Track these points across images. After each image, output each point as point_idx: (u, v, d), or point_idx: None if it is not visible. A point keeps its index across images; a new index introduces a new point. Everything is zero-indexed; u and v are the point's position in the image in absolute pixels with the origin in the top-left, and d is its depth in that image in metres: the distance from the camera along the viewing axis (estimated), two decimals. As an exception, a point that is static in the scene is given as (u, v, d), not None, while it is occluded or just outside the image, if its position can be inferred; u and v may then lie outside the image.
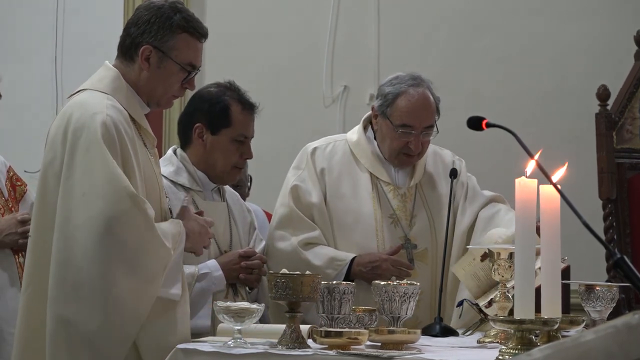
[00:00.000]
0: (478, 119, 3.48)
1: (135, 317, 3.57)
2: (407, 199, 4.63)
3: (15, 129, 7.18)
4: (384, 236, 4.54)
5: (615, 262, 2.71)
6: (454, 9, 7.24)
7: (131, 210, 3.55)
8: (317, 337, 3.46)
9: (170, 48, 3.77)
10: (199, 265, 4.32)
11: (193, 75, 3.83)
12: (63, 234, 3.57)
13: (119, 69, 3.81)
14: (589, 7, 7.14)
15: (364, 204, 4.57)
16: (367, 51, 7.27)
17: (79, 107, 3.70)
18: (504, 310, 3.79)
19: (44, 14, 7.37)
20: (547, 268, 3.24)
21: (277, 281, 3.46)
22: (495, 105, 6.95)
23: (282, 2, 7.37)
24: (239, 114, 4.44)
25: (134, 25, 3.80)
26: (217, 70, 7.13)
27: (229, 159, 4.43)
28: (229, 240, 4.49)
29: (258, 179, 5.98)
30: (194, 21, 3.83)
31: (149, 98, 3.83)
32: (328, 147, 4.68)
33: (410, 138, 4.53)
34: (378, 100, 4.61)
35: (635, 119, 6.26)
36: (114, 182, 3.55)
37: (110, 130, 3.62)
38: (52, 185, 3.65)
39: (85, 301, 3.53)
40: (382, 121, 4.59)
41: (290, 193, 4.57)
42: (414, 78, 4.59)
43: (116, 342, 3.56)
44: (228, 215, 4.53)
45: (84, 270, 3.52)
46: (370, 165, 4.63)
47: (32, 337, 3.67)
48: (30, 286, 3.69)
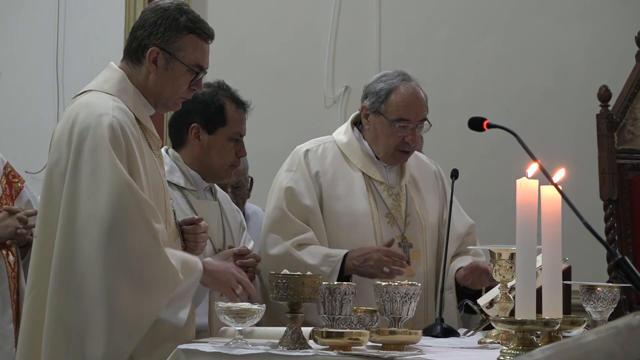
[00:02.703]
0: (479, 120, 3.48)
1: (133, 329, 3.54)
2: (400, 198, 4.64)
3: (15, 129, 7.19)
4: (382, 235, 4.54)
5: (617, 262, 2.71)
6: (454, 10, 7.24)
7: (136, 215, 3.54)
8: (318, 338, 3.46)
9: (177, 49, 3.77)
10: (195, 263, 4.33)
11: (201, 77, 3.83)
12: (66, 237, 3.56)
13: (125, 70, 3.80)
14: (590, 8, 7.14)
15: (360, 204, 4.57)
16: (368, 52, 7.27)
17: (85, 107, 3.69)
18: (505, 310, 3.79)
19: (45, 14, 7.37)
20: (548, 269, 3.24)
21: (278, 282, 3.46)
22: (496, 105, 6.96)
23: (283, 3, 7.37)
24: (234, 112, 4.45)
25: (140, 28, 3.80)
26: (217, 70, 7.12)
27: (226, 157, 4.44)
28: (222, 238, 4.50)
29: (258, 180, 5.98)
30: (200, 22, 3.83)
31: (157, 100, 3.83)
32: (319, 149, 4.67)
33: (406, 132, 4.54)
34: (369, 98, 4.60)
35: (636, 119, 6.26)
36: (120, 186, 3.54)
37: (117, 131, 3.61)
38: (58, 186, 3.64)
39: (85, 307, 3.51)
40: (375, 119, 4.58)
41: (284, 195, 4.55)
42: (402, 74, 4.61)
43: (112, 354, 3.52)
44: (221, 213, 4.53)
45: (86, 275, 3.51)
46: (362, 165, 4.62)
47: (37, 337, 3.64)
48: (35, 287, 3.67)
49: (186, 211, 4.35)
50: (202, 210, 4.42)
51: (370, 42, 7.28)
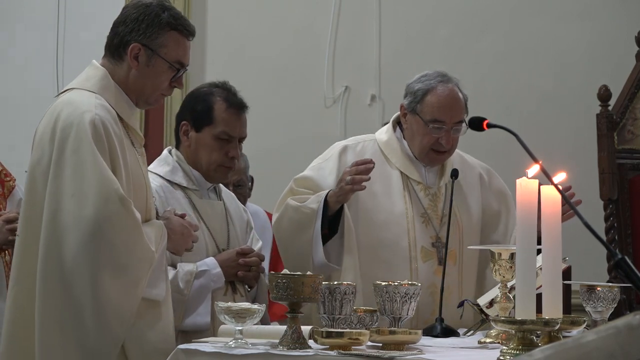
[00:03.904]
0: (479, 120, 3.48)
1: (123, 318, 3.57)
2: (437, 199, 4.64)
3: (16, 129, 7.18)
4: (415, 235, 4.54)
5: (617, 262, 2.71)
6: (454, 9, 7.25)
7: (120, 212, 3.55)
8: (318, 338, 3.46)
9: (159, 46, 3.77)
10: (198, 262, 4.32)
11: (182, 73, 3.83)
12: (51, 234, 3.57)
13: (107, 68, 3.81)
14: (591, 7, 7.14)
15: (396, 203, 4.58)
16: (368, 52, 7.27)
17: (68, 105, 3.70)
18: (505, 310, 3.79)
19: (45, 14, 7.37)
20: (548, 268, 3.24)
21: (278, 282, 3.46)
22: (496, 105, 6.96)
23: (283, 3, 7.37)
24: (223, 112, 4.43)
25: (122, 24, 3.80)
26: (217, 70, 7.14)
27: (212, 156, 4.42)
28: (226, 238, 4.49)
29: (259, 180, 5.98)
30: (182, 19, 3.84)
31: (138, 96, 3.83)
32: (358, 146, 4.68)
33: (440, 134, 4.54)
34: (407, 98, 4.62)
35: (636, 119, 6.26)
36: (104, 183, 3.55)
37: (99, 129, 3.62)
38: (40, 184, 3.65)
39: (75, 303, 3.52)
40: (412, 118, 4.60)
41: (304, 174, 4.57)
42: (442, 75, 4.63)
43: (106, 343, 3.56)
44: (225, 213, 4.53)
45: (73, 272, 3.52)
46: (401, 164, 4.63)
47: (19, 335, 3.66)
48: (17, 285, 3.69)
49: (189, 211, 4.35)
50: (205, 210, 4.42)
51: (370, 42, 7.28)
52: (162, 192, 4.36)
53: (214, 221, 4.44)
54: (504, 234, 4.70)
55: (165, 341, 3.66)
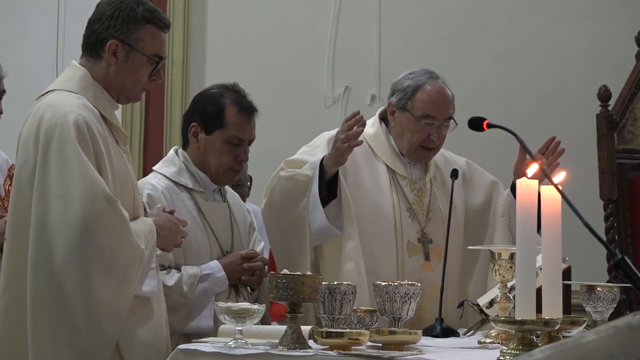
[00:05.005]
0: (479, 120, 3.49)
1: (115, 317, 3.57)
2: (423, 194, 4.65)
3: (16, 129, 7.18)
4: (402, 230, 4.56)
5: (616, 262, 2.71)
6: (454, 10, 7.24)
7: (107, 212, 3.55)
8: (318, 338, 3.46)
9: (136, 40, 3.77)
10: (202, 266, 4.32)
11: (160, 67, 3.83)
12: (39, 237, 3.56)
13: (86, 67, 3.80)
14: (590, 7, 7.14)
15: (384, 197, 4.59)
16: (368, 52, 7.27)
17: (50, 107, 3.69)
18: (505, 310, 3.79)
19: (45, 14, 7.37)
20: (548, 268, 3.24)
21: (277, 282, 3.46)
22: (496, 105, 6.96)
23: (283, 3, 7.37)
24: (234, 116, 4.42)
25: (97, 22, 3.81)
26: (217, 70, 7.15)
27: (221, 160, 4.42)
28: (230, 240, 4.49)
29: (258, 180, 5.98)
30: (156, 12, 3.84)
31: (119, 93, 3.83)
32: None
33: (432, 129, 4.56)
34: (396, 95, 4.63)
35: (636, 119, 6.26)
36: (90, 184, 3.55)
37: (82, 129, 3.61)
38: (26, 187, 3.64)
39: (66, 304, 3.52)
40: (401, 115, 4.61)
41: (295, 157, 4.55)
42: (429, 72, 4.65)
43: (99, 344, 3.56)
44: (229, 215, 4.52)
45: (63, 274, 3.52)
46: (387, 158, 4.64)
47: (11, 342, 3.66)
48: (7, 291, 3.68)
49: (194, 213, 4.35)
50: (209, 212, 4.42)
51: (370, 42, 7.28)
52: (167, 193, 4.36)
53: (218, 223, 4.44)
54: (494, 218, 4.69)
55: (158, 337, 3.66)
